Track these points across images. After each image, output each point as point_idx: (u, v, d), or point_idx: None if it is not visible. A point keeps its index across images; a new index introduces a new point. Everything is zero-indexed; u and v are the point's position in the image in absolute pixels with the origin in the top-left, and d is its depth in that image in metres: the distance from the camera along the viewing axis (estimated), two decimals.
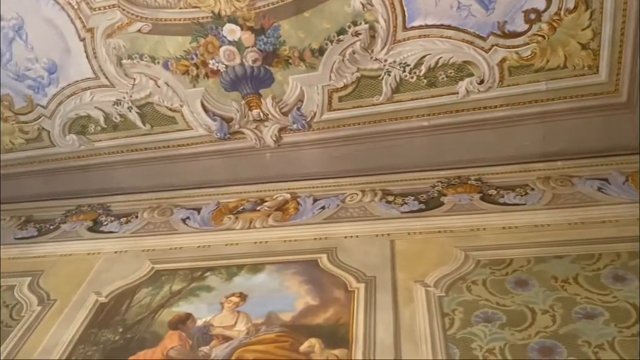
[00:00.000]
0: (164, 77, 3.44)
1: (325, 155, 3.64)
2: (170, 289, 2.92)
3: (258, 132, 3.62)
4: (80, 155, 3.84)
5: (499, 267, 2.66)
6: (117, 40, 3.33)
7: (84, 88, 3.55)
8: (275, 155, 3.70)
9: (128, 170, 3.85)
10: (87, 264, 3.23)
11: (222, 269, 3.00)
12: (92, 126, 3.71)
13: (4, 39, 3.41)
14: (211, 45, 3.29)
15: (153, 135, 3.70)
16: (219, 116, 3.56)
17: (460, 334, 2.33)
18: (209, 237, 3.31)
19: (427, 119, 3.43)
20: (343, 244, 3.03)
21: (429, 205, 3.25)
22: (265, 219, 3.38)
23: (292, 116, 3.51)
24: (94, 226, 3.63)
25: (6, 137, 3.84)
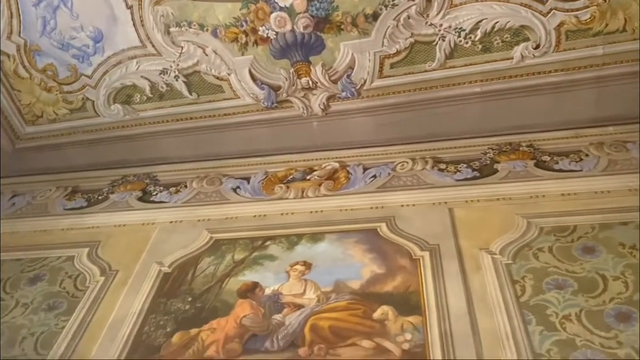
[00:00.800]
0: (212, 45, 3.38)
1: (373, 123, 3.62)
2: (232, 258, 2.95)
3: (306, 100, 3.58)
4: (125, 125, 3.82)
5: (564, 234, 2.68)
6: (165, 8, 3.27)
7: (130, 57, 3.50)
8: (322, 124, 3.67)
9: (173, 140, 3.84)
10: (143, 235, 3.25)
11: (282, 238, 3.02)
12: (138, 96, 3.68)
13: (48, 7, 3.35)
14: (262, 11, 3.22)
15: (199, 105, 3.67)
16: (267, 84, 3.52)
17: (534, 301, 2.36)
18: (264, 207, 3.32)
19: (479, 85, 3.39)
20: (401, 213, 3.04)
21: (484, 173, 3.24)
22: (317, 188, 3.38)
23: (341, 84, 3.47)
24: (144, 196, 3.63)
25: (49, 108, 3.81)
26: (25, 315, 2.81)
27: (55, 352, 2.55)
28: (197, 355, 2.39)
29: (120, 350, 2.50)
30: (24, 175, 4.02)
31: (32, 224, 3.54)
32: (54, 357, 2.53)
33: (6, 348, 2.62)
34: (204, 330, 2.52)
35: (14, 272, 3.13)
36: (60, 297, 2.90)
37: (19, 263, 3.19)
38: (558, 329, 2.21)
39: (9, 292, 3.00)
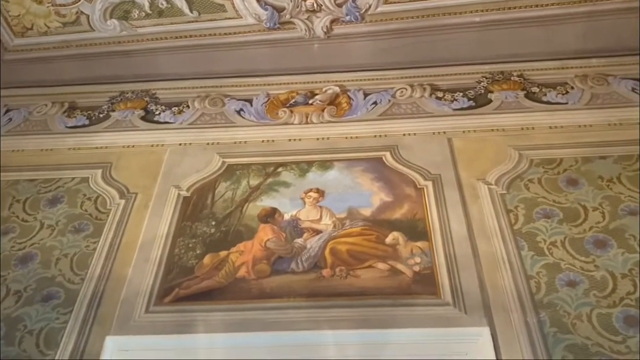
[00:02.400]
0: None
1: (374, 47, 3.71)
2: (248, 183, 3.14)
3: (309, 22, 3.61)
4: (121, 40, 3.74)
5: (551, 167, 3.01)
6: None
7: None
8: (322, 47, 3.73)
9: (172, 57, 3.81)
10: (155, 157, 3.36)
11: (293, 164, 3.22)
12: (136, 12, 3.58)
13: None
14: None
15: (200, 23, 3.63)
16: (271, 5, 3.51)
17: (526, 229, 2.72)
18: (270, 132, 3.46)
19: (479, 14, 3.51)
20: (403, 142, 3.27)
21: (478, 102, 3.47)
22: (321, 114, 3.53)
23: (346, 8, 3.50)
24: (147, 115, 3.67)
25: (40, 20, 3.66)
26: (53, 237, 2.96)
27: (93, 273, 2.75)
28: (230, 276, 2.66)
29: (155, 271, 2.73)
30: (15, 88, 3.93)
31: (36, 142, 3.55)
32: (92, 276, 2.73)
33: (43, 268, 2.80)
34: (233, 252, 2.78)
35: (31, 192, 3.21)
36: (84, 219, 3.04)
37: (33, 184, 3.26)
38: (546, 254, 2.60)
39: (31, 213, 3.11)
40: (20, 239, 2.95)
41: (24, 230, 3.00)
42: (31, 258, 2.85)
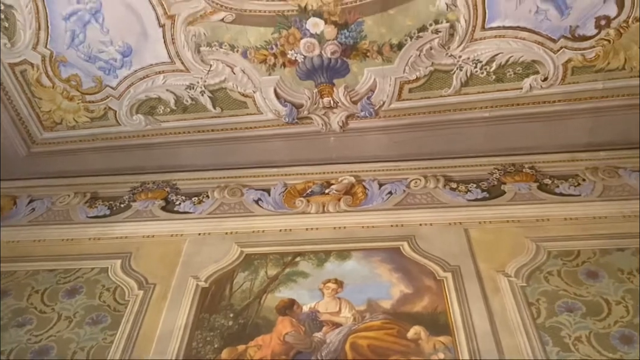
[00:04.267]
0: (241, 65, 3.50)
1: (388, 140, 3.85)
2: (266, 273, 3.15)
3: (326, 118, 3.77)
4: (145, 134, 3.90)
5: (569, 259, 3.02)
6: (198, 28, 3.36)
7: (157, 72, 3.58)
8: (338, 139, 3.87)
9: (193, 149, 3.95)
10: (174, 247, 3.40)
11: (311, 254, 3.24)
12: (162, 108, 3.76)
13: (79, 21, 3.37)
14: (292, 37, 3.36)
15: (221, 118, 3.79)
16: (290, 102, 3.68)
17: (549, 323, 2.69)
18: (288, 221, 3.52)
19: (488, 110, 3.66)
20: (420, 232, 3.31)
21: (492, 194, 3.54)
22: (337, 203, 3.60)
23: (361, 104, 3.67)
24: (168, 205, 3.76)
25: (70, 115, 3.85)
26: (71, 329, 2.94)
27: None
28: None
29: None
30: (39, 179, 4.06)
31: (57, 231, 3.61)
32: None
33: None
34: (251, 346, 2.74)
35: (50, 283, 3.24)
36: (102, 311, 3.03)
37: (52, 274, 3.29)
38: (572, 350, 2.55)
39: (49, 304, 3.11)
40: (37, 331, 2.93)
41: (41, 322, 2.99)
42: (47, 351, 2.82)
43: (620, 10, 3.19)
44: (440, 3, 3.19)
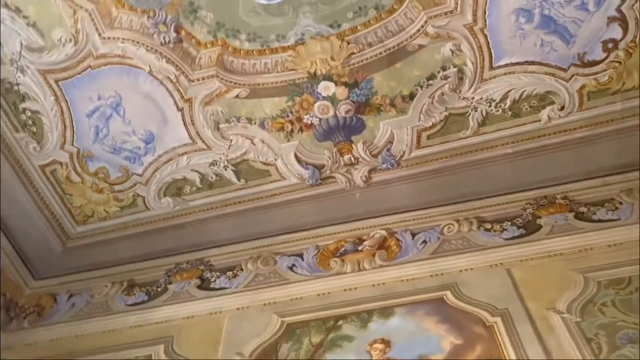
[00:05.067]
0: (260, 136, 3.59)
1: (413, 188, 3.83)
2: (310, 342, 3.08)
3: (348, 175, 3.79)
4: (175, 215, 3.96)
5: (621, 287, 2.89)
6: (215, 107, 3.47)
7: (180, 153, 3.68)
8: (364, 194, 3.87)
9: (222, 224, 3.98)
10: (214, 325, 3.37)
11: (353, 315, 3.17)
12: (188, 187, 3.84)
13: (101, 116, 3.52)
14: (306, 102, 3.45)
15: (247, 189, 3.84)
16: (312, 164, 3.72)
17: (613, 357, 2.54)
18: (325, 284, 3.47)
19: (511, 146, 3.64)
20: (461, 278, 3.22)
21: (529, 229, 3.45)
22: (372, 259, 3.55)
23: (381, 157, 3.69)
24: (203, 284, 3.75)
25: (100, 207, 3.95)
26: None
27: None
28: None
29: None
30: (77, 273, 4.11)
31: (98, 324, 3.62)
32: None
33: None
34: None
35: None
36: None
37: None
38: None
39: None
40: None
41: None
42: None
43: (625, 32, 3.21)
44: (444, 50, 3.26)
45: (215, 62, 3.31)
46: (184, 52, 3.31)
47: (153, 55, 3.30)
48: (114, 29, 3.26)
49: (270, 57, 3.29)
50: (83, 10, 3.19)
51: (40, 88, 3.47)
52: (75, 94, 3.49)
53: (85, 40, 3.30)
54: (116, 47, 3.30)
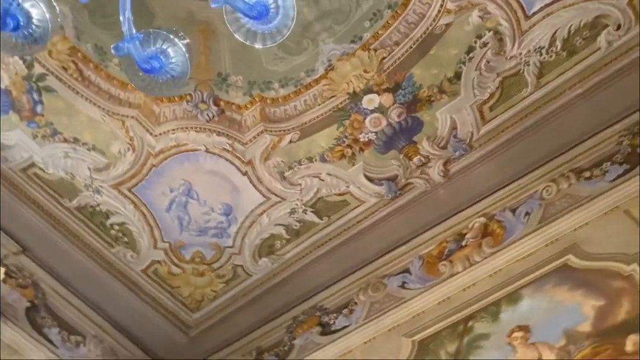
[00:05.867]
0: (325, 170, 3.59)
1: (495, 165, 3.64)
2: (446, 352, 2.97)
3: (425, 176, 3.67)
4: (276, 272, 4.00)
5: None
6: (274, 159, 3.53)
7: (259, 214, 3.75)
8: (448, 189, 3.73)
9: (321, 265, 3.97)
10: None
11: (481, 312, 3.03)
12: (278, 242, 3.89)
13: (179, 206, 3.68)
14: (356, 122, 3.42)
15: (332, 224, 3.83)
16: (384, 179, 3.65)
17: None
18: (441, 291, 3.36)
19: (579, 86, 3.39)
20: (579, 237, 3.00)
21: (632, 162, 3.18)
22: (480, 250, 3.39)
23: (451, 146, 3.56)
24: (324, 329, 3.76)
25: (207, 289, 4.08)
26: None
27: None
28: None
29: None
30: (208, 358, 4.24)
31: None
32: None
33: None
34: None
35: None
36: None
37: None
38: None
39: None
40: None
41: None
42: None
43: None
44: (472, 19, 3.13)
45: (259, 118, 3.38)
46: (229, 120, 3.41)
47: (203, 134, 3.43)
48: (161, 124, 3.43)
49: (307, 93, 3.32)
50: (129, 119, 3.39)
51: (118, 201, 3.69)
52: (150, 195, 3.68)
53: (141, 144, 3.49)
54: (169, 140, 3.46)
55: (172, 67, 1.63)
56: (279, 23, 1.55)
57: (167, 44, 1.60)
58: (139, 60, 1.50)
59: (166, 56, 1.60)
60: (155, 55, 1.58)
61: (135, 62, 1.54)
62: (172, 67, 1.63)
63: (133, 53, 1.49)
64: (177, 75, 1.68)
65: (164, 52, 1.60)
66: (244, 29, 1.54)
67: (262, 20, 1.51)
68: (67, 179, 3.67)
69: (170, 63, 1.60)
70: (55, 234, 3.85)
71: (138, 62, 1.51)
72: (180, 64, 1.65)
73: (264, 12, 1.47)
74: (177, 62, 1.65)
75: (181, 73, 1.67)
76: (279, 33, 1.59)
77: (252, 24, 1.53)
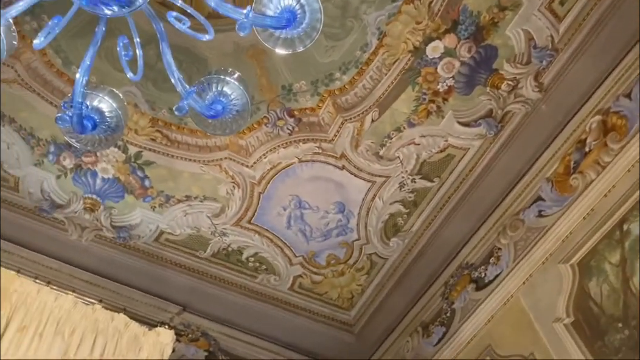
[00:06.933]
0: (417, 133, 3.52)
1: (590, 57, 3.32)
2: (610, 264, 2.78)
3: (520, 98, 3.46)
4: (410, 247, 4.00)
5: None
6: (364, 144, 3.54)
7: (371, 199, 3.77)
8: (549, 102, 3.47)
9: (450, 226, 3.87)
10: (515, 310, 3.30)
11: (632, 211, 2.81)
12: (400, 219, 3.89)
13: (297, 219, 3.82)
14: (429, 75, 3.32)
15: (445, 183, 3.74)
16: (480, 118, 3.50)
17: None
18: (582, 205, 3.15)
19: None
20: None
21: None
22: (607, 149, 3.12)
23: (535, 58, 3.32)
24: (479, 284, 3.70)
25: (352, 285, 4.19)
26: None
27: None
28: None
29: None
30: (378, 348, 4.34)
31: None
32: None
33: None
34: None
35: None
36: None
37: None
38: None
39: None
40: None
41: None
42: None
43: None
44: None
45: (335, 111, 3.40)
46: (308, 125, 3.48)
47: (291, 147, 3.54)
48: (252, 154, 3.59)
49: (369, 69, 3.28)
50: (224, 160, 3.60)
51: (244, 236, 3.92)
52: (268, 220, 3.86)
53: (242, 178, 3.67)
54: (264, 165, 3.62)
55: (234, 103, 1.69)
56: (309, 20, 1.56)
57: (220, 84, 1.67)
58: (203, 110, 1.59)
59: (225, 96, 1.67)
60: (216, 99, 1.65)
61: (200, 114, 1.62)
62: (234, 103, 1.69)
63: (195, 106, 1.57)
64: (241, 107, 1.74)
65: (222, 93, 1.67)
66: (280, 40, 1.57)
67: (293, 24, 1.52)
68: (194, 233, 3.95)
69: (231, 101, 1.67)
70: (204, 284, 4.17)
71: (202, 113, 1.59)
72: (240, 97, 1.71)
73: (291, 17, 1.48)
74: (236, 97, 1.71)
75: (244, 105, 1.73)
76: (313, 29, 1.59)
77: (286, 33, 1.54)
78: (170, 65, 1.51)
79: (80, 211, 3.80)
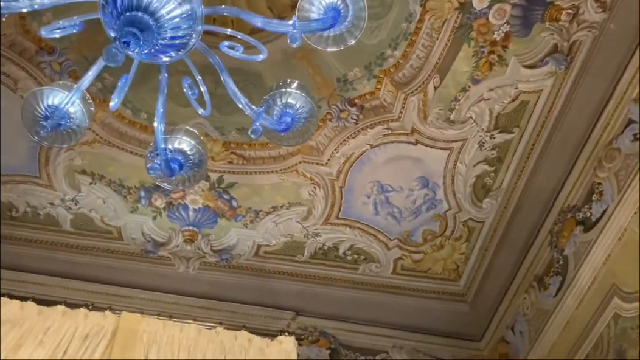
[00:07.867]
0: (484, 88, 3.40)
1: None
2: None
3: (584, 24, 3.20)
4: (505, 205, 3.87)
5: None
6: (433, 113, 3.47)
7: (453, 166, 3.71)
8: (617, 19, 3.21)
9: (541, 173, 3.70)
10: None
11: None
12: (487, 179, 3.77)
13: (383, 204, 3.84)
14: (481, 27, 3.20)
15: (527, 131, 3.57)
16: (546, 56, 3.31)
17: None
18: None
19: None
20: None
21: None
22: None
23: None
24: (586, 225, 3.51)
25: (455, 255, 4.13)
26: None
27: None
28: None
29: None
30: (496, 313, 4.27)
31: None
32: None
33: None
34: None
35: None
36: None
37: None
38: None
39: None
40: None
41: None
42: None
43: None
44: None
45: (395, 89, 3.36)
46: (372, 109, 3.46)
47: (360, 136, 3.56)
48: (324, 152, 3.64)
49: (419, 38, 3.20)
50: (299, 165, 3.70)
51: (335, 232, 4.01)
52: (354, 211, 3.91)
53: (321, 177, 3.74)
54: (338, 159, 3.66)
55: (300, 111, 1.72)
56: (353, 11, 1.55)
57: (284, 97, 1.71)
58: (274, 126, 1.63)
59: (290, 107, 1.71)
60: (283, 113, 1.69)
61: (273, 130, 1.67)
62: (300, 111, 1.72)
63: (266, 125, 1.62)
64: (309, 113, 1.77)
65: (287, 104, 1.70)
66: (330, 39, 1.58)
67: (339, 21, 1.53)
68: (288, 240, 4.08)
69: (297, 110, 1.70)
70: (310, 286, 4.29)
71: (275, 129, 1.64)
72: (305, 103, 1.74)
73: (336, 15, 1.49)
74: (301, 104, 1.74)
75: (311, 109, 1.76)
76: (360, 19, 1.59)
77: (334, 30, 1.55)
78: (236, 94, 1.56)
79: (182, 244, 4.03)
